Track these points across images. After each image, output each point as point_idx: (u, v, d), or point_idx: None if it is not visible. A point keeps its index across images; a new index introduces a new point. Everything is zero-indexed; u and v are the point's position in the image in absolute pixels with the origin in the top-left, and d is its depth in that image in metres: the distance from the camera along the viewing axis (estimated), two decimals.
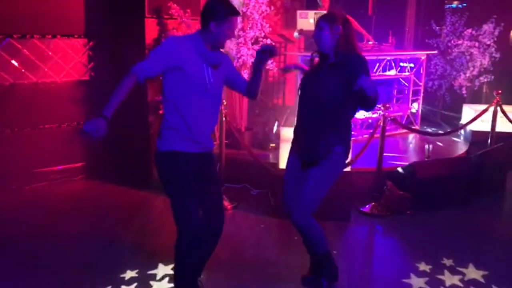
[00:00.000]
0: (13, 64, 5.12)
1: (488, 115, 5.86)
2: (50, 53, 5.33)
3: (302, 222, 3.15)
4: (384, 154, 4.85)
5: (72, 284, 3.38)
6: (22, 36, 5.12)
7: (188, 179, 2.82)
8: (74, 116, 5.55)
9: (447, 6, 10.02)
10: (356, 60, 2.99)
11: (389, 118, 4.81)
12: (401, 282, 3.49)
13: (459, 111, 7.02)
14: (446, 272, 3.63)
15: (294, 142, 3.31)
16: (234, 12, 2.76)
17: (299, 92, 3.23)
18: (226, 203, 4.81)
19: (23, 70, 5.18)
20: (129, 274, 3.50)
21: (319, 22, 3.06)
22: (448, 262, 3.78)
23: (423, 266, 3.70)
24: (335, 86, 2.98)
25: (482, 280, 3.53)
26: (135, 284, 3.37)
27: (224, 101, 4.86)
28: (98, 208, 4.82)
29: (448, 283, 3.48)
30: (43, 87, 5.32)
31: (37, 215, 4.59)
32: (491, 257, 3.90)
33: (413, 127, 6.70)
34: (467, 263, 3.75)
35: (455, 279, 3.53)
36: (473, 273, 3.62)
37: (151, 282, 3.40)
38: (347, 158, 3.27)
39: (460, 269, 3.68)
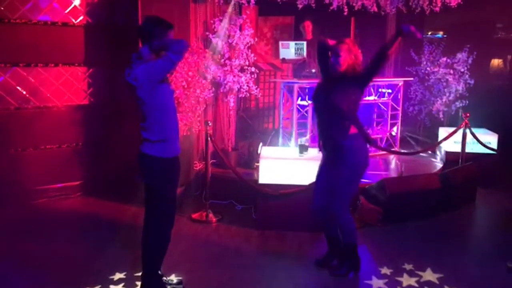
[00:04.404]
0: (18, 90, 5.61)
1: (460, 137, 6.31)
2: (52, 80, 5.82)
3: (339, 217, 3.86)
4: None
5: (66, 283, 3.79)
6: (27, 64, 5.63)
7: None
8: (74, 137, 6.03)
9: (434, 35, 10.62)
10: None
11: None
12: (363, 283, 3.88)
13: (437, 134, 7.47)
14: (405, 275, 4.01)
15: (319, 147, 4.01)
16: (169, 26, 3.21)
17: (312, 101, 4.01)
18: (211, 216, 5.23)
19: (27, 96, 5.67)
20: (118, 275, 3.90)
21: (338, 50, 3.75)
22: (408, 266, 4.15)
23: (384, 270, 4.08)
24: (340, 94, 3.70)
25: (436, 281, 3.91)
26: (122, 284, 3.77)
27: (209, 122, 5.32)
28: (92, 220, 5.26)
29: (405, 284, 3.86)
30: (45, 111, 5.80)
31: (37, 226, 5.02)
32: (449, 262, 4.28)
33: (392, 149, 7.13)
34: (425, 267, 4.13)
35: (412, 281, 3.91)
36: (429, 275, 4.00)
37: (137, 283, 3.77)
38: (363, 148, 3.83)
39: (418, 272, 4.05)
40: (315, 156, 4.80)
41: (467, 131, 6.22)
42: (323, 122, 3.90)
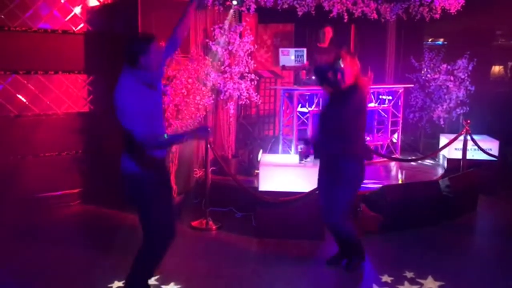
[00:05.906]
0: (18, 98, 5.61)
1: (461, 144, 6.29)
2: (52, 88, 5.82)
3: (337, 223, 4.03)
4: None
5: None
6: (27, 72, 5.63)
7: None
8: (73, 145, 6.02)
9: (434, 42, 10.63)
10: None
11: None
12: None
13: (438, 140, 7.45)
14: (406, 283, 3.97)
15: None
16: (151, 39, 3.17)
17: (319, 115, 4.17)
18: (211, 223, 5.20)
19: (27, 103, 5.66)
20: (116, 284, 3.87)
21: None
22: (409, 274, 4.11)
23: (385, 278, 4.05)
24: (337, 111, 3.82)
25: None
26: None
27: (209, 129, 5.29)
28: (91, 228, 5.27)
29: None
30: (45, 118, 5.79)
31: (36, 234, 5.00)
32: (450, 270, 4.25)
33: (393, 156, 7.11)
34: (427, 275, 4.09)
35: None
36: (431, 283, 3.96)
37: None
38: (361, 165, 3.97)
39: (420, 280, 4.02)
40: (315, 163, 4.77)
41: (468, 137, 6.20)
42: (324, 136, 3.98)
